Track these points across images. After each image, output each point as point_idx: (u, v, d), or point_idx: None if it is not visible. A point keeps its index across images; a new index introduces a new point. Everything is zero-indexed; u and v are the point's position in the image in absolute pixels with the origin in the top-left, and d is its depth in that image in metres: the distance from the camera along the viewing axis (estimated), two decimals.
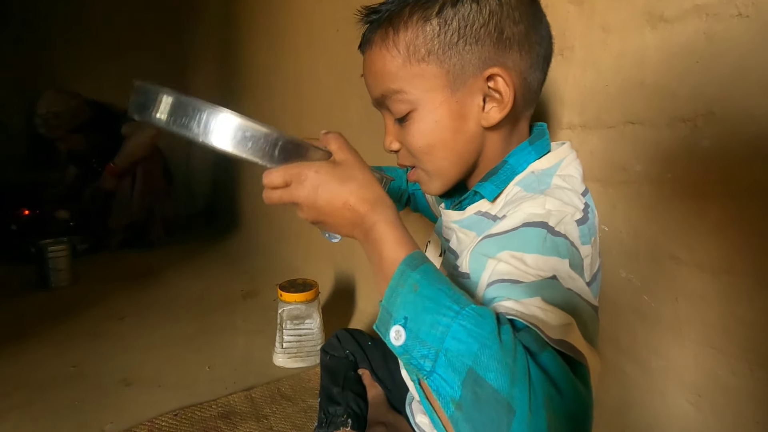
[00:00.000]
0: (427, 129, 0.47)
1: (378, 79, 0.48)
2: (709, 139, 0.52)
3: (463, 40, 0.44)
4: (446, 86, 0.45)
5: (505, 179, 0.48)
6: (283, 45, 1.79)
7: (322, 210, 0.40)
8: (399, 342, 0.33)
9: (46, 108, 1.95)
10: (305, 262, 1.67)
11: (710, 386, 0.54)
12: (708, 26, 0.51)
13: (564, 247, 0.38)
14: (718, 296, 0.53)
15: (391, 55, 0.46)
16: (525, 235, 0.39)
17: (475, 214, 0.50)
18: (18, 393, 0.93)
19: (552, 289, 0.35)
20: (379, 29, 0.47)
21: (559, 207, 0.41)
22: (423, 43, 0.45)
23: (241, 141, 0.37)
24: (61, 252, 1.58)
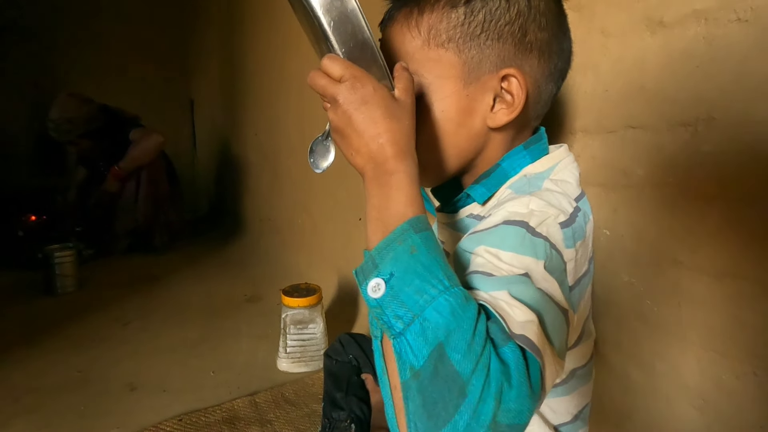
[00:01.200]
0: (431, 116, 0.45)
1: (394, 57, 0.46)
2: (709, 144, 0.52)
3: (486, 34, 0.43)
4: (460, 77, 0.44)
5: (497, 182, 0.47)
6: (286, 48, 1.80)
7: (354, 124, 0.38)
8: (376, 294, 0.33)
9: (60, 113, 1.99)
10: (308, 267, 1.67)
11: (714, 391, 0.54)
12: (707, 31, 0.51)
13: (542, 248, 0.38)
14: (721, 300, 0.53)
15: (411, 35, 0.45)
16: (503, 232, 0.39)
17: (467, 217, 0.50)
18: (25, 398, 0.94)
19: (521, 285, 0.35)
20: (404, 7, 0.46)
21: (543, 208, 0.40)
22: (445, 28, 0.43)
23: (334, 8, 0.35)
24: (68, 258, 1.60)
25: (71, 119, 1.99)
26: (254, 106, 2.22)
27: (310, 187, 1.68)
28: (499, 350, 0.30)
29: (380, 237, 0.35)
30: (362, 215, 1.32)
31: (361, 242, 1.35)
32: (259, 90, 2.13)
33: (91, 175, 2.18)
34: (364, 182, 0.39)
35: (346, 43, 0.37)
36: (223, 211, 2.77)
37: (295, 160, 1.79)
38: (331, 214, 1.54)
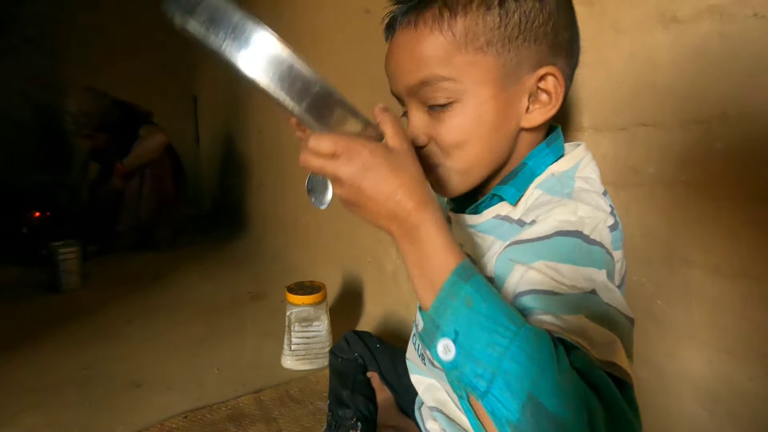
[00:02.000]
0: (467, 123, 0.44)
1: (421, 63, 0.43)
2: (723, 141, 0.52)
3: (523, 36, 0.42)
4: (498, 81, 0.43)
5: (525, 182, 0.46)
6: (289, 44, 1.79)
7: (365, 193, 0.36)
8: (448, 357, 0.32)
9: (77, 106, 2.01)
10: (313, 265, 1.67)
11: (726, 392, 0.53)
12: (722, 27, 0.50)
13: (600, 255, 0.37)
14: (733, 300, 0.52)
15: (446, 39, 0.42)
16: (559, 243, 0.38)
17: (494, 218, 0.48)
18: (30, 395, 0.94)
19: (593, 305, 0.34)
20: (428, 9, 0.43)
21: (591, 213, 0.39)
22: (483, 32, 0.42)
23: (288, 83, 0.33)
24: (72, 254, 1.60)
25: (88, 112, 2.01)
26: (258, 104, 2.21)
27: None
28: (589, 378, 0.29)
29: (432, 295, 0.34)
30: None
31: (364, 239, 1.34)
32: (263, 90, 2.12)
33: (102, 171, 2.19)
34: (395, 242, 0.38)
35: (320, 116, 0.36)
36: (227, 209, 2.77)
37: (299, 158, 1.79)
38: (335, 213, 1.53)
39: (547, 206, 0.41)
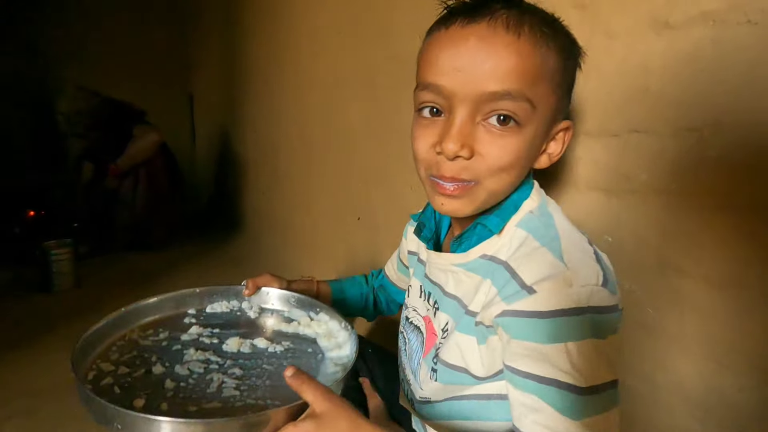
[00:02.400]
0: (522, 149, 0.43)
1: (514, 74, 0.41)
2: (716, 149, 0.51)
3: (569, 90, 0.47)
4: (549, 121, 0.45)
5: (509, 213, 0.47)
6: (284, 46, 1.78)
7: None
8: None
9: (69, 106, 2.00)
10: (307, 266, 1.66)
11: (716, 402, 0.52)
12: (715, 33, 0.49)
13: (597, 323, 0.40)
14: (725, 310, 0.51)
15: (543, 63, 0.42)
16: (560, 325, 0.39)
17: (481, 258, 0.48)
18: (18, 401, 0.93)
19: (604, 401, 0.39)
20: (529, 22, 0.41)
21: (585, 281, 0.40)
22: (560, 73, 0.44)
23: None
24: (65, 255, 1.59)
25: (80, 111, 2.00)
26: (253, 103, 2.20)
27: (309, 186, 1.67)
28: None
29: None
30: (361, 214, 1.31)
31: (359, 240, 1.34)
32: (259, 86, 2.11)
33: (97, 171, 2.18)
34: None
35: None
36: (222, 208, 2.76)
37: (294, 158, 1.78)
38: (330, 213, 1.53)
39: (542, 266, 0.42)
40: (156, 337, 0.55)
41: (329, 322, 0.62)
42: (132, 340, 0.54)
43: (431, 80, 0.44)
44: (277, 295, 0.66)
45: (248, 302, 0.66)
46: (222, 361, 0.51)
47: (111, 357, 0.51)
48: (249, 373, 0.49)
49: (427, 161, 0.46)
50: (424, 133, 0.46)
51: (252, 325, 0.62)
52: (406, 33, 1.04)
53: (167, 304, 0.62)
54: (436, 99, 0.44)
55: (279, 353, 0.55)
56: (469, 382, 0.48)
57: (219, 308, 0.65)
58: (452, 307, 0.51)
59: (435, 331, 0.54)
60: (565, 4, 0.64)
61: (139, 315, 0.59)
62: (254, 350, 0.55)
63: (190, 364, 0.50)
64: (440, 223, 0.58)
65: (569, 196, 0.67)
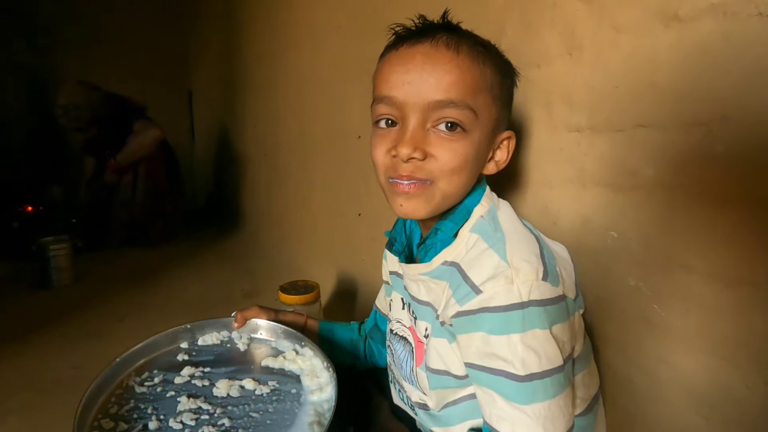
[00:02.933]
0: (469, 152, 0.49)
1: (455, 85, 0.47)
2: (724, 144, 0.50)
3: (509, 102, 0.54)
4: (490, 130, 0.51)
5: (462, 217, 0.52)
6: (284, 42, 1.77)
7: None
8: None
9: (68, 99, 1.97)
10: (307, 263, 1.65)
11: (722, 400, 0.52)
12: (725, 26, 0.49)
13: (539, 314, 0.44)
14: (732, 307, 0.51)
15: (481, 76, 0.48)
16: (504, 319, 0.43)
17: (443, 265, 0.52)
18: (18, 395, 0.92)
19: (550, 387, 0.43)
20: (466, 42, 0.48)
21: (526, 277, 0.44)
22: (498, 86, 0.50)
23: None
24: (63, 250, 1.58)
25: (79, 106, 1.98)
26: (253, 99, 2.19)
27: (309, 182, 1.66)
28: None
29: None
30: (362, 210, 1.30)
31: (359, 237, 1.33)
32: (258, 82, 2.10)
33: (96, 166, 2.17)
34: None
35: None
36: (221, 204, 2.75)
37: (294, 154, 1.77)
38: (330, 209, 1.52)
39: (487, 268, 0.46)
40: (151, 382, 0.59)
41: (313, 359, 0.64)
42: (129, 387, 0.58)
43: (385, 93, 0.50)
44: (265, 326, 0.70)
45: (237, 333, 0.70)
46: (212, 410, 0.55)
47: (110, 411, 0.54)
48: (237, 423, 0.53)
49: (385, 165, 0.51)
50: (381, 142, 0.51)
51: (241, 359, 0.65)
52: None
53: (161, 341, 0.65)
54: (390, 110, 0.50)
55: (265, 396, 0.58)
56: (455, 384, 0.51)
57: (210, 340, 0.68)
58: (427, 313, 0.54)
59: (420, 339, 0.56)
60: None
61: (135, 358, 0.62)
62: (242, 393, 0.58)
63: (183, 415, 0.53)
64: (411, 237, 0.62)
65: (574, 192, 0.66)
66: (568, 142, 0.66)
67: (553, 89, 0.68)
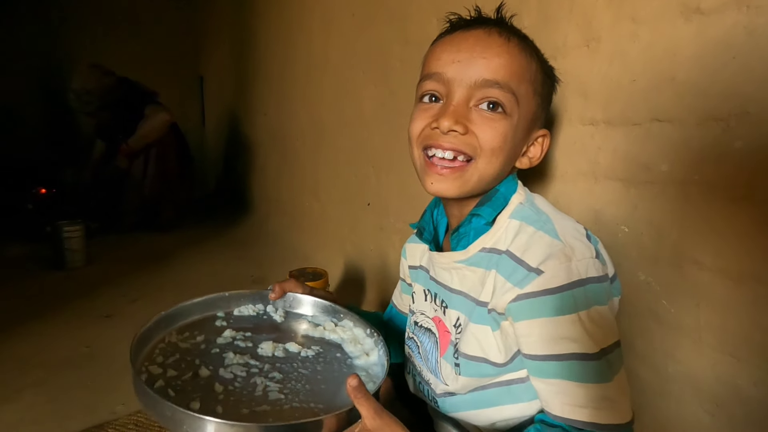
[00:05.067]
0: (508, 134, 0.49)
1: (503, 68, 0.48)
2: (742, 140, 0.50)
3: (547, 101, 0.54)
4: (528, 123, 0.51)
5: (499, 204, 0.51)
6: (296, 29, 1.76)
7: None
8: None
9: (81, 84, 1.99)
10: (315, 250, 1.67)
11: (729, 396, 0.52)
12: (749, 19, 0.48)
13: (597, 291, 0.45)
14: (742, 304, 0.51)
15: (528, 66, 0.50)
16: (569, 297, 0.43)
17: (481, 251, 0.51)
18: (34, 372, 0.95)
19: (603, 362, 0.43)
20: (517, 36, 0.50)
21: (581, 255, 0.45)
22: (540, 82, 0.51)
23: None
24: (76, 232, 1.61)
25: (91, 90, 1.99)
26: (263, 86, 2.19)
27: (318, 170, 1.67)
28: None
29: None
30: (370, 200, 1.31)
31: (367, 227, 1.34)
32: (269, 69, 2.10)
33: (107, 149, 2.19)
34: None
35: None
36: (231, 191, 2.77)
37: (303, 142, 1.77)
38: (339, 198, 1.52)
39: (542, 247, 0.46)
40: (194, 341, 0.57)
41: (354, 329, 0.63)
42: (172, 343, 0.56)
43: (434, 70, 0.50)
44: (302, 300, 0.68)
45: (273, 306, 0.67)
46: (261, 365, 0.53)
47: (156, 360, 0.52)
48: (288, 377, 0.52)
49: (423, 136, 0.51)
50: (422, 116, 0.51)
51: (280, 329, 0.63)
52: (421, 17, 1.02)
53: (198, 307, 0.63)
54: (436, 86, 0.50)
55: (311, 358, 0.57)
56: (491, 372, 0.50)
57: (246, 311, 0.66)
58: (461, 302, 0.53)
59: (447, 329, 0.55)
60: None
61: (176, 318, 0.60)
62: (288, 354, 0.57)
63: (232, 367, 0.52)
64: (438, 226, 0.61)
65: (586, 186, 0.66)
66: (582, 135, 0.66)
67: (569, 81, 0.67)
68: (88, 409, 0.84)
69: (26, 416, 0.82)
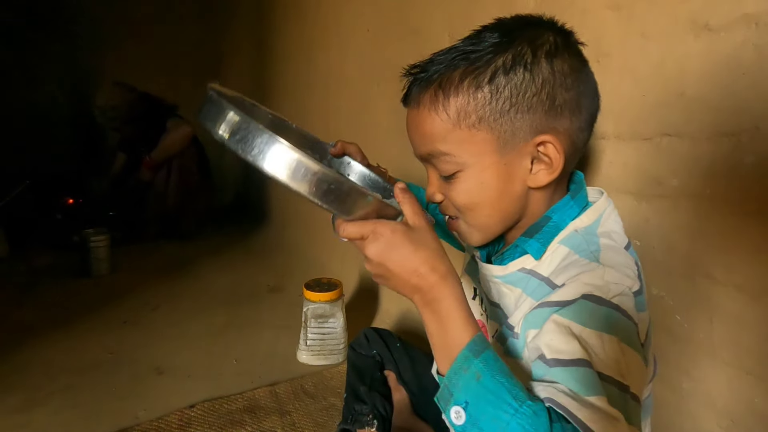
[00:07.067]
0: (473, 189, 0.47)
1: (426, 139, 0.48)
2: (753, 156, 0.50)
3: (515, 108, 0.44)
4: (495, 151, 0.46)
5: (550, 236, 0.47)
6: (313, 43, 1.81)
7: (390, 269, 0.41)
8: (459, 422, 0.36)
9: (105, 101, 2.09)
10: (330, 260, 1.69)
11: (745, 413, 0.52)
12: (758, 36, 0.48)
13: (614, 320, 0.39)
14: (756, 319, 0.50)
15: (441, 119, 0.46)
16: (581, 307, 0.39)
17: (520, 271, 0.48)
18: (61, 377, 0.99)
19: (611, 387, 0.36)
20: (428, 90, 0.47)
21: (619, 280, 0.41)
22: (474, 109, 0.44)
23: (301, 179, 0.37)
24: (102, 242, 1.67)
25: (115, 107, 2.09)
26: (281, 98, 2.24)
27: None
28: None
29: (447, 365, 0.38)
30: None
31: None
32: (286, 82, 2.15)
33: (130, 162, 2.27)
34: (417, 309, 0.41)
35: (338, 204, 0.39)
36: (249, 201, 2.82)
37: None
38: None
39: (576, 268, 0.42)
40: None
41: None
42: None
43: None
44: (357, 168, 0.64)
45: (327, 162, 0.63)
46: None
47: None
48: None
49: None
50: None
51: None
52: (436, 32, 1.04)
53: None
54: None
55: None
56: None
57: None
58: (497, 316, 0.53)
59: (488, 336, 0.55)
60: (599, 4, 0.64)
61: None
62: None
63: None
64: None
65: None
66: (593, 149, 0.66)
67: None
68: (113, 414, 0.87)
69: (54, 420, 0.86)
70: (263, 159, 0.37)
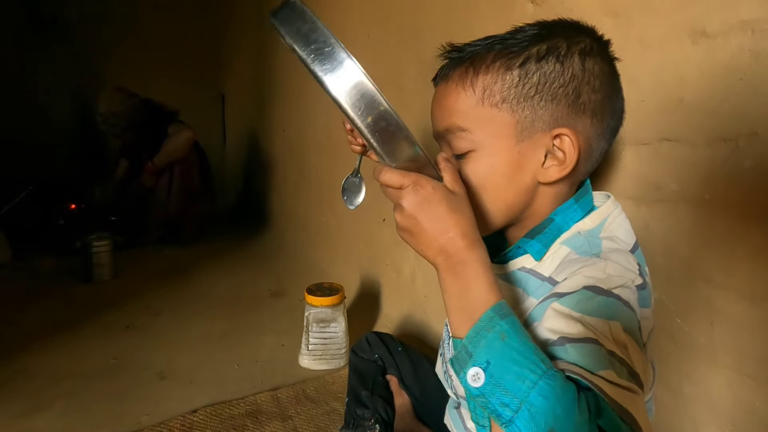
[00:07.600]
0: (482, 170, 0.47)
1: (446, 113, 0.48)
2: (751, 160, 0.50)
3: (540, 96, 0.44)
4: (512, 135, 0.46)
5: (552, 238, 0.47)
6: None
7: (421, 225, 0.40)
8: (477, 384, 0.34)
9: (107, 107, 2.10)
10: (331, 265, 1.69)
11: (746, 417, 0.52)
12: (754, 43, 0.49)
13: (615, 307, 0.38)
14: (757, 323, 0.51)
15: (466, 94, 0.46)
16: (581, 296, 0.38)
17: (520, 270, 0.49)
18: (65, 382, 0.99)
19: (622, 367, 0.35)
20: (459, 67, 0.47)
21: (621, 273, 0.41)
22: (499, 89, 0.45)
23: (364, 108, 0.37)
24: (104, 247, 1.67)
25: (117, 113, 2.10)
26: (283, 103, 2.25)
27: (335, 186, 1.70)
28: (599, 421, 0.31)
29: (468, 326, 0.37)
30: (386, 216, 1.33)
31: (383, 242, 1.36)
32: (288, 87, 2.16)
33: (132, 167, 2.28)
34: (438, 273, 0.41)
35: (386, 144, 0.39)
36: (250, 206, 2.83)
37: (321, 158, 1.81)
38: (355, 214, 1.55)
39: (578, 264, 0.42)
40: None
41: None
42: None
43: None
44: None
45: None
46: None
47: None
48: None
49: None
50: None
51: None
52: (433, 39, 1.05)
53: None
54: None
55: None
56: None
57: None
58: None
59: None
60: (597, 12, 0.65)
61: None
62: None
63: None
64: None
65: None
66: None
67: None
68: (116, 419, 0.87)
69: (57, 425, 0.86)
70: (332, 77, 0.36)
